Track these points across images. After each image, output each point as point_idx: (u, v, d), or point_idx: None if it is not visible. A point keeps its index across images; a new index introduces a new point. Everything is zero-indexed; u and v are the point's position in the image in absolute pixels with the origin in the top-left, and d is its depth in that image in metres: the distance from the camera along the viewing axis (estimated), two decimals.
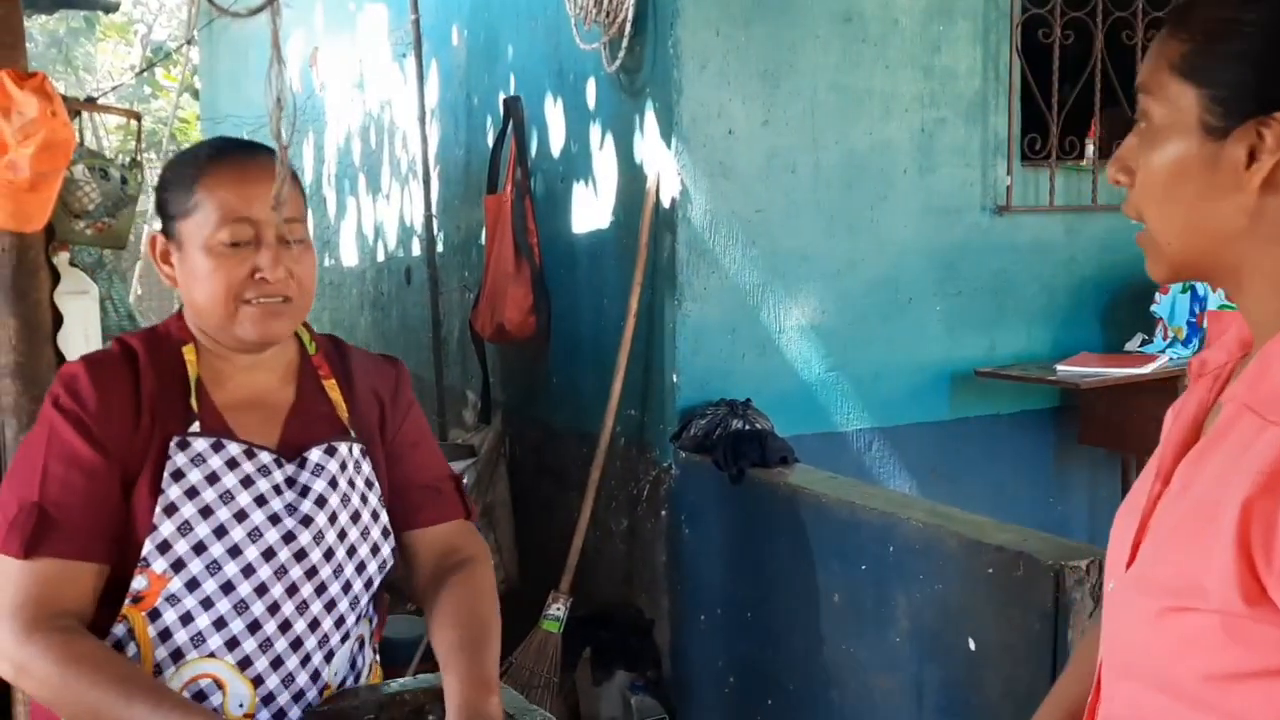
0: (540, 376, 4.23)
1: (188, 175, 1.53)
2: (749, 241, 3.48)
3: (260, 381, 1.62)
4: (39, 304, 2.55)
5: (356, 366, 1.72)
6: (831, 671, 2.89)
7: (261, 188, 1.50)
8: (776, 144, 3.50)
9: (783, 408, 3.45)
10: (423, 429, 1.78)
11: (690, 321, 3.43)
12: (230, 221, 1.50)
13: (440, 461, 1.78)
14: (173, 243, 1.55)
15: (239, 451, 1.54)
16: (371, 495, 1.65)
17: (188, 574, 1.47)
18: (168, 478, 1.49)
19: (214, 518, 1.50)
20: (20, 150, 2.40)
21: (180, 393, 1.55)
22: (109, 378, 1.52)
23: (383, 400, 1.71)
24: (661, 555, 3.54)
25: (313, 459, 1.59)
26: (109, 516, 1.48)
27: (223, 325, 1.53)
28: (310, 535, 1.55)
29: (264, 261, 1.51)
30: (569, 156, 3.98)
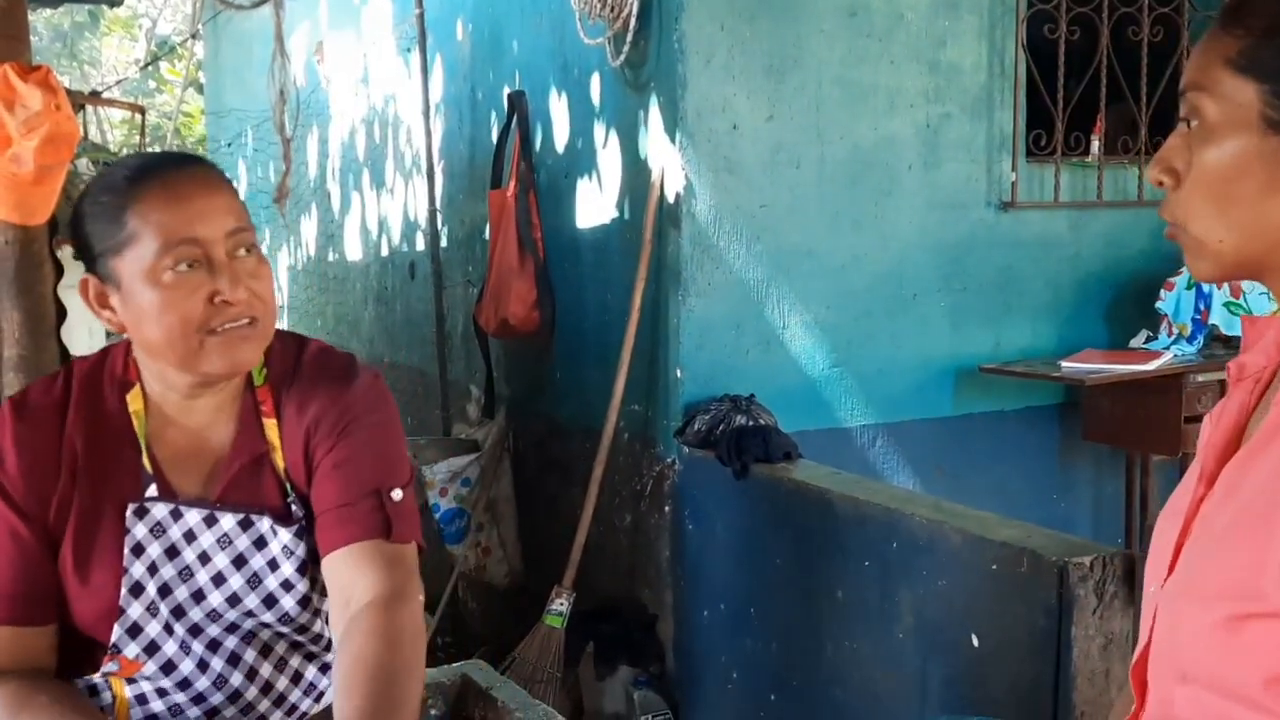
0: (544, 372, 4.23)
1: (112, 205, 1.35)
2: (753, 237, 3.48)
3: (198, 420, 1.47)
4: (43, 297, 2.55)
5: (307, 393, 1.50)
6: (834, 668, 2.88)
7: (199, 202, 1.36)
8: (781, 139, 3.49)
9: (786, 403, 3.44)
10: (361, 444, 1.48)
11: (694, 317, 3.43)
12: (175, 245, 1.33)
13: (376, 472, 1.47)
14: (108, 284, 1.37)
15: (198, 520, 1.44)
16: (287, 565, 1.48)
17: (163, 656, 1.43)
18: (129, 554, 1.40)
19: (172, 598, 1.43)
20: (24, 143, 2.40)
21: (127, 450, 1.44)
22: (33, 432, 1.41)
23: (320, 424, 1.48)
24: (665, 550, 3.54)
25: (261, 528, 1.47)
26: (43, 581, 1.41)
27: (185, 362, 1.37)
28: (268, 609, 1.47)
29: (223, 284, 1.35)
30: (573, 151, 3.98)
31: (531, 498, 4.33)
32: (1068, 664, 2.29)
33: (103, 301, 1.40)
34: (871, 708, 2.78)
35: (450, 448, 4.42)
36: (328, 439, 1.47)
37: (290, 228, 6.61)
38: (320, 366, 1.54)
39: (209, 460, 1.47)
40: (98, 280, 1.39)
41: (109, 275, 1.37)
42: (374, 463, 1.48)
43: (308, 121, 6.65)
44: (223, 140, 7.57)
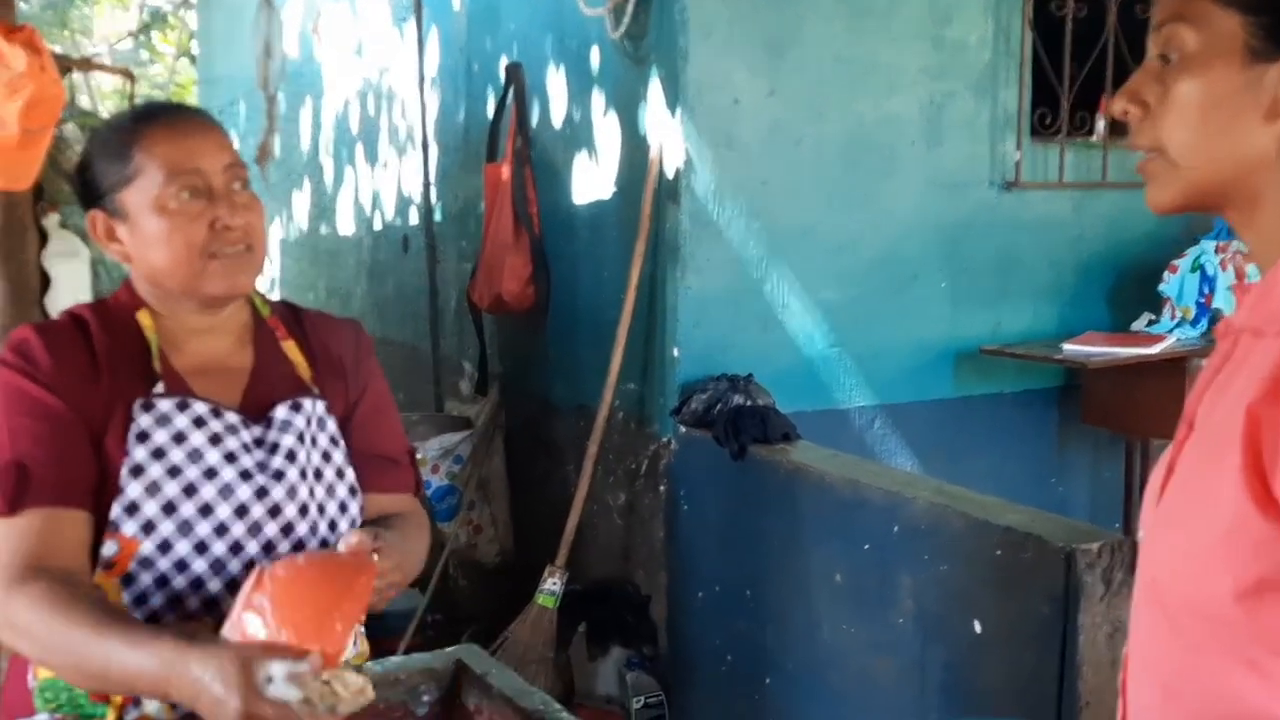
0: (538, 349, 4.17)
1: (120, 142, 1.49)
2: (752, 214, 3.42)
3: (217, 345, 1.58)
4: (26, 264, 2.49)
5: (313, 327, 1.69)
6: (831, 652, 2.84)
7: (199, 139, 1.50)
8: (781, 115, 3.43)
9: (784, 383, 3.39)
10: (385, 397, 1.74)
11: (692, 294, 3.37)
12: (179, 175, 1.46)
13: (400, 433, 1.76)
14: (116, 217, 1.49)
15: (205, 410, 1.51)
16: (337, 453, 1.62)
17: (159, 536, 1.43)
18: (132, 439, 1.45)
19: (183, 476, 1.45)
20: (8, 105, 2.33)
21: (138, 357, 1.51)
22: (61, 341, 1.48)
23: (344, 362, 1.68)
24: (659, 531, 3.49)
25: (279, 415, 1.56)
26: (84, 465, 1.44)
27: (188, 285, 1.49)
28: (284, 490, 1.51)
29: (223, 210, 1.47)
30: (571, 125, 3.91)
31: (524, 476, 4.28)
32: (1073, 652, 2.25)
33: (110, 234, 1.51)
34: (869, 693, 2.74)
35: (442, 424, 4.36)
36: (360, 372, 1.68)
37: (273, 191, 6.50)
38: (319, 312, 1.76)
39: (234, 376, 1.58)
40: (105, 215, 1.50)
41: (116, 209, 1.49)
42: (398, 416, 1.76)
43: (301, 94, 6.57)
44: (214, 108, 7.46)
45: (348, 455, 1.63)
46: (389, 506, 1.67)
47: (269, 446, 1.53)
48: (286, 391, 1.59)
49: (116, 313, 1.54)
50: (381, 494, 1.66)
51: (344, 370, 1.67)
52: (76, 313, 1.53)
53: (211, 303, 1.53)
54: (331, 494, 1.58)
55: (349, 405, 1.67)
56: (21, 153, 2.41)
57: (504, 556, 4.26)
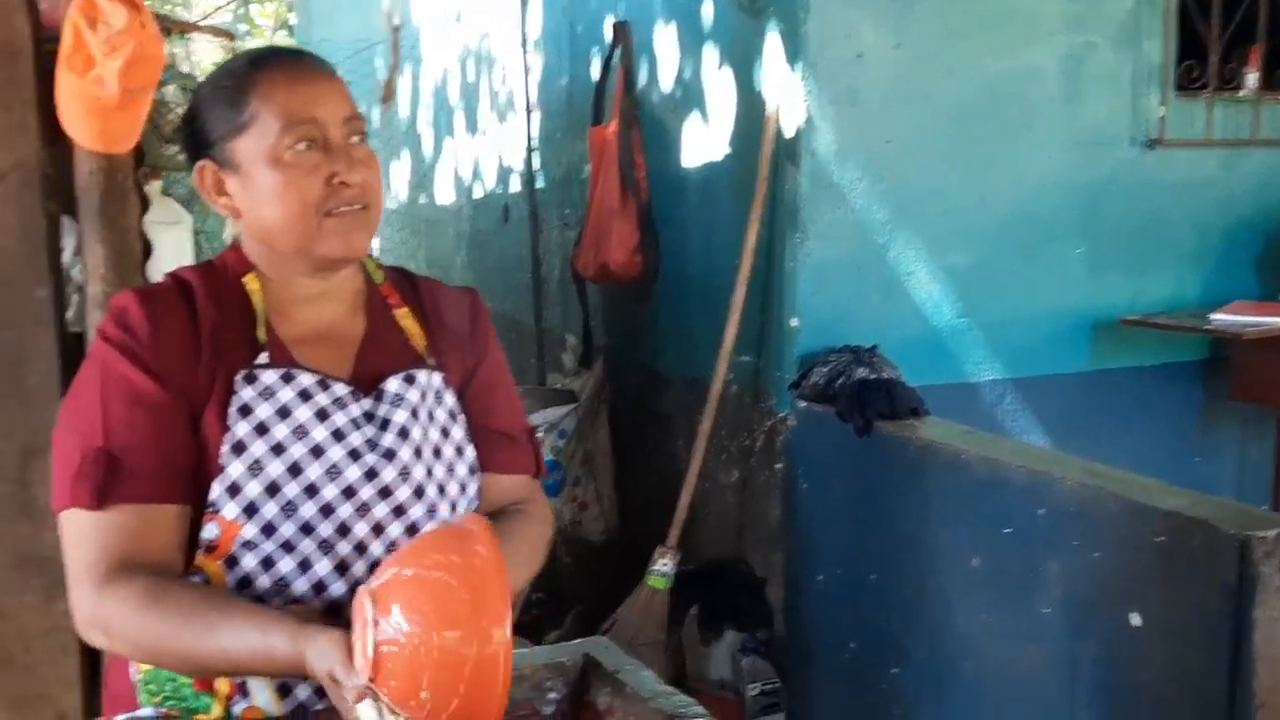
0: (645, 319, 4.02)
1: (233, 88, 1.38)
2: (876, 175, 3.22)
3: (328, 312, 1.46)
4: (128, 230, 2.39)
5: (429, 295, 1.57)
6: (967, 642, 2.66)
7: (319, 87, 1.39)
8: (909, 69, 3.22)
9: (909, 355, 3.19)
10: (503, 369, 1.61)
11: (812, 261, 3.19)
12: (296, 125, 1.35)
13: (519, 409, 1.63)
14: (226, 169, 1.39)
15: (312, 383, 1.38)
16: (456, 429, 1.49)
17: (262, 518, 1.32)
18: (234, 414, 1.33)
19: (287, 455, 1.33)
20: (108, 64, 2.23)
21: (243, 325, 1.40)
22: (162, 309, 1.36)
23: (460, 332, 1.55)
24: (776, 510, 3.33)
25: (391, 389, 1.43)
26: (181, 453, 1.32)
27: (302, 244, 1.37)
28: (395, 471, 1.38)
29: (340, 165, 1.36)
30: (681, 84, 3.73)
31: (630, 451, 4.14)
32: (1247, 649, 2.04)
33: (219, 188, 1.40)
34: (1009, 686, 2.55)
35: (546, 398, 4.24)
36: (477, 342, 1.56)
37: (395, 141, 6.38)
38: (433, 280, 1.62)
39: (344, 345, 1.46)
40: (215, 166, 1.40)
41: (227, 160, 1.38)
42: (516, 391, 1.63)
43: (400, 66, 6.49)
44: None
45: (467, 431, 1.49)
46: (508, 489, 1.54)
47: (379, 422, 1.41)
48: (399, 362, 1.46)
49: (223, 276, 1.43)
50: (499, 474, 1.53)
51: (460, 340, 1.54)
52: (181, 276, 1.41)
53: (324, 265, 1.41)
54: (451, 473, 1.45)
55: (465, 377, 1.54)
56: (121, 113, 2.31)
57: (609, 534, 4.13)
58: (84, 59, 2.25)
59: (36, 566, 2.48)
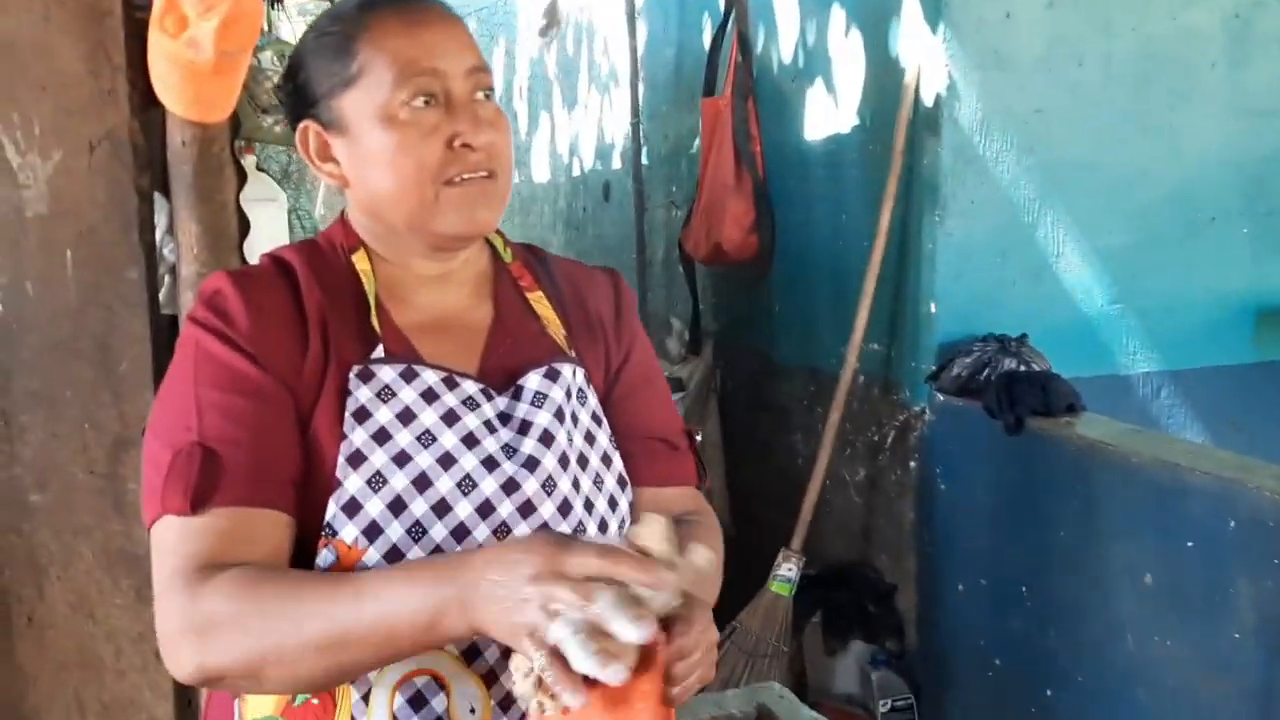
0: (760, 303, 3.77)
1: (341, 34, 1.18)
2: (1025, 147, 2.94)
3: (450, 298, 1.25)
4: (224, 206, 2.20)
5: (566, 277, 1.34)
6: (1138, 666, 2.39)
7: (440, 31, 1.17)
8: (1061, 30, 2.93)
9: (1056, 344, 2.91)
10: (653, 364, 1.38)
11: (953, 241, 2.92)
12: (413, 77, 1.14)
13: (673, 409, 1.39)
14: (332, 130, 1.19)
15: (437, 380, 1.17)
16: (601, 434, 1.25)
17: (386, 542, 1.09)
18: (350, 419, 1.12)
19: (412, 466, 1.11)
20: (202, 24, 2.03)
21: (354, 311, 1.19)
22: (262, 292, 1.15)
23: (603, 319, 1.33)
24: (909, 511, 3.07)
25: (531, 386, 1.21)
26: (288, 457, 1.11)
27: (418, 218, 1.17)
28: (538, 483, 1.15)
29: (463, 125, 1.15)
30: (804, 51, 3.47)
31: (741, 443, 3.90)
32: None
33: (324, 153, 1.21)
34: (1190, 716, 2.28)
35: None
36: (623, 331, 1.33)
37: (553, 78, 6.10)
38: (569, 259, 1.41)
39: (471, 335, 1.25)
40: (319, 127, 1.20)
41: (333, 119, 1.18)
42: (668, 390, 1.40)
43: (493, 35, 6.29)
44: None
45: (612, 437, 1.27)
46: (672, 504, 1.28)
47: (518, 425, 1.18)
48: (537, 354, 1.24)
49: (329, 256, 1.22)
50: (657, 488, 1.29)
51: (604, 330, 1.31)
52: (281, 256, 1.20)
53: (444, 243, 1.20)
54: (599, 486, 1.22)
55: (609, 374, 1.31)
56: (217, 79, 2.12)
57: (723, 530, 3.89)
58: (177, 19, 2.06)
59: (128, 566, 2.32)
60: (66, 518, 2.30)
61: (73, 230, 2.20)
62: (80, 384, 2.25)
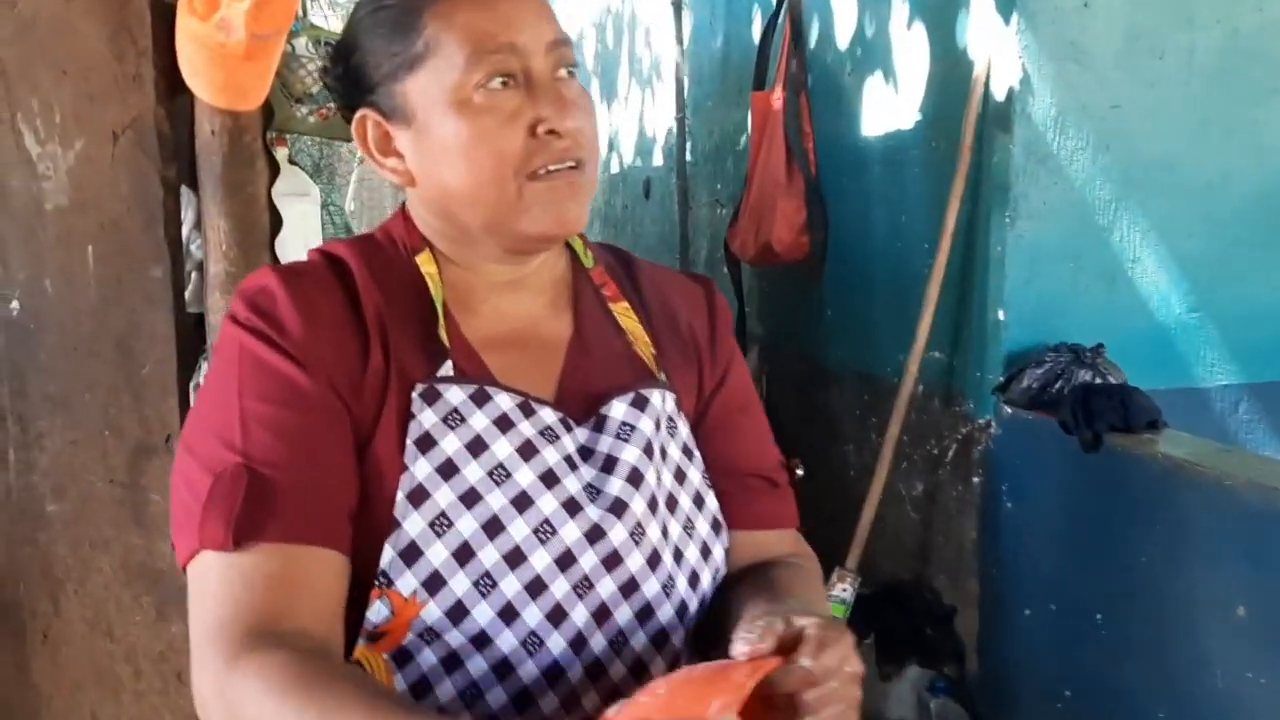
0: (811, 307, 3.61)
1: (400, 10, 1.01)
2: (1101, 145, 2.76)
3: (524, 307, 1.09)
4: (255, 201, 2.06)
5: (653, 286, 1.18)
6: (1227, 705, 2.21)
7: (518, 1, 1.01)
8: (1142, 21, 2.75)
9: (1130, 354, 2.74)
10: (749, 388, 1.22)
11: (1024, 244, 2.75)
12: (488, 54, 0.98)
13: (771, 441, 1.22)
14: (395, 119, 1.03)
15: (512, 405, 1.01)
16: (693, 470, 1.10)
17: (449, 596, 0.93)
18: (412, 448, 0.96)
19: (483, 507, 0.95)
20: (235, 5, 1.89)
21: (418, 320, 1.03)
22: (314, 292, 1.00)
23: (696, 336, 1.16)
24: (970, 530, 2.90)
25: (616, 415, 1.05)
26: (343, 483, 0.95)
27: (498, 218, 1.01)
28: (625, 530, 0.99)
29: (546, 109, 0.99)
30: (861, 42, 3.31)
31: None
32: None
33: (384, 145, 1.05)
34: None
35: None
36: (719, 351, 1.17)
37: None
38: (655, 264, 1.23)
39: (547, 351, 1.09)
40: (379, 116, 1.04)
41: (396, 107, 1.02)
42: (765, 419, 1.21)
43: None
44: None
45: (705, 473, 1.11)
46: (769, 549, 1.13)
47: (601, 461, 1.02)
48: (623, 376, 1.08)
49: (389, 254, 1.07)
50: (753, 531, 1.13)
51: (697, 349, 1.15)
52: (334, 253, 1.05)
53: (526, 245, 1.04)
54: (690, 532, 1.06)
55: (702, 399, 1.14)
56: (249, 64, 1.98)
57: None
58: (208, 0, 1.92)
59: (148, 581, 2.19)
60: (85, 529, 2.18)
61: (94, 224, 2.07)
62: (100, 387, 2.12)
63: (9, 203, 2.06)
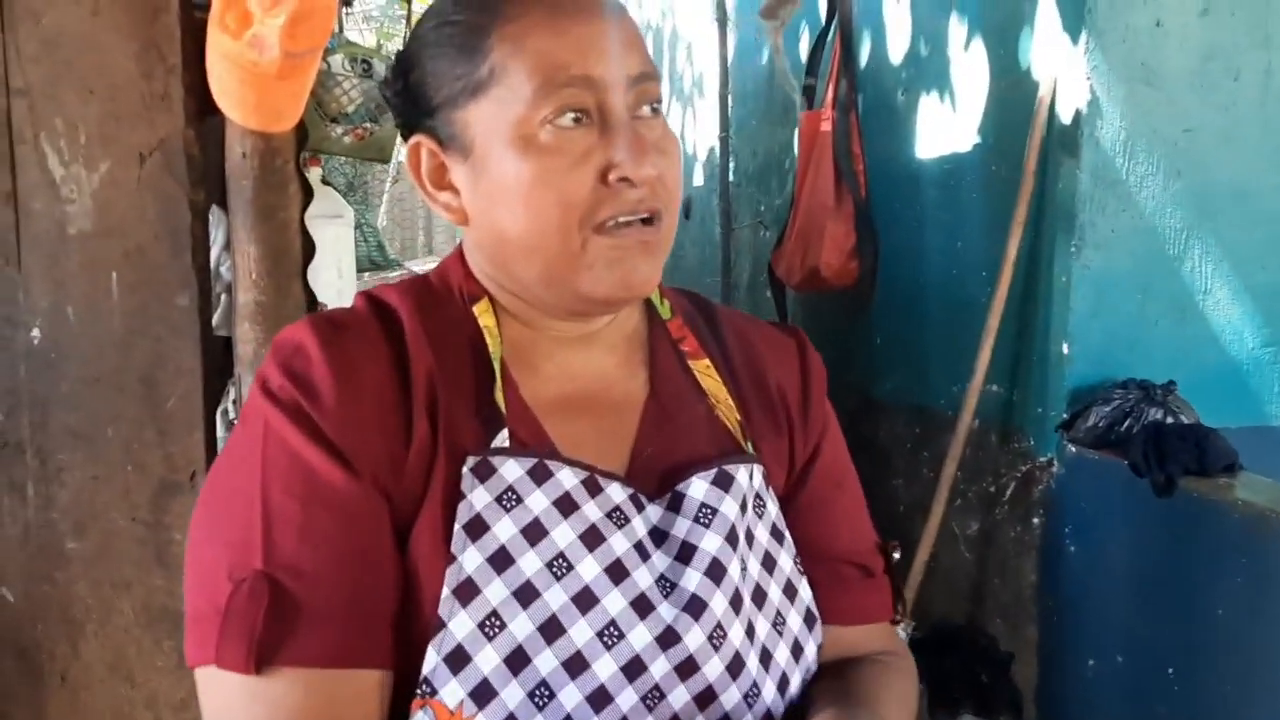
0: (860, 335, 3.48)
1: (466, 28, 0.89)
2: (1172, 171, 2.63)
3: (593, 366, 0.97)
4: (288, 225, 1.96)
5: (738, 338, 1.04)
6: None
7: (595, 26, 0.87)
8: (1216, 41, 2.62)
9: (1201, 391, 2.60)
10: (845, 459, 1.10)
11: (1090, 275, 2.61)
12: (559, 87, 0.85)
13: (867, 517, 1.09)
14: (451, 149, 0.90)
15: (576, 483, 0.87)
16: (783, 555, 0.96)
17: (501, 709, 0.80)
18: (460, 534, 0.83)
19: (540, 605, 0.82)
20: (268, 21, 1.79)
21: (472, 380, 0.90)
22: (357, 354, 0.87)
23: (787, 399, 1.03)
24: (1030, 573, 2.76)
25: (695, 496, 0.91)
26: (383, 588, 0.82)
27: (557, 273, 0.89)
28: (704, 634, 0.85)
29: (620, 152, 0.86)
30: (915, 61, 3.18)
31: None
32: None
33: (439, 179, 0.92)
34: None
35: None
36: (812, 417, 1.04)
37: None
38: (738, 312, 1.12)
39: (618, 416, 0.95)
40: (435, 144, 0.91)
41: (454, 135, 0.89)
42: (861, 494, 1.10)
43: None
44: None
45: (796, 558, 0.97)
46: (853, 647, 1.00)
47: (676, 547, 0.89)
48: (704, 449, 0.95)
49: (443, 302, 0.94)
50: (845, 626, 0.99)
51: (788, 413, 1.02)
52: (384, 301, 0.92)
53: (588, 307, 0.92)
54: (780, 630, 0.92)
55: (793, 472, 1.01)
56: (283, 84, 1.87)
57: None
58: (240, 15, 1.81)
59: (170, 624, 2.09)
60: (105, 568, 2.08)
61: (119, 250, 1.97)
62: (123, 421, 2.02)
63: (31, 226, 1.97)
